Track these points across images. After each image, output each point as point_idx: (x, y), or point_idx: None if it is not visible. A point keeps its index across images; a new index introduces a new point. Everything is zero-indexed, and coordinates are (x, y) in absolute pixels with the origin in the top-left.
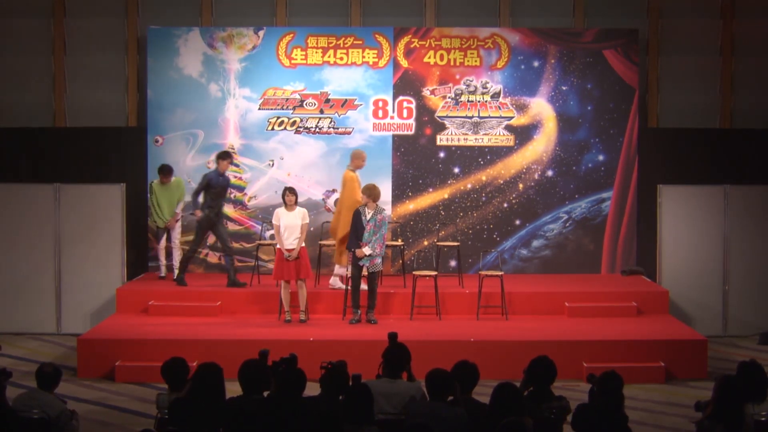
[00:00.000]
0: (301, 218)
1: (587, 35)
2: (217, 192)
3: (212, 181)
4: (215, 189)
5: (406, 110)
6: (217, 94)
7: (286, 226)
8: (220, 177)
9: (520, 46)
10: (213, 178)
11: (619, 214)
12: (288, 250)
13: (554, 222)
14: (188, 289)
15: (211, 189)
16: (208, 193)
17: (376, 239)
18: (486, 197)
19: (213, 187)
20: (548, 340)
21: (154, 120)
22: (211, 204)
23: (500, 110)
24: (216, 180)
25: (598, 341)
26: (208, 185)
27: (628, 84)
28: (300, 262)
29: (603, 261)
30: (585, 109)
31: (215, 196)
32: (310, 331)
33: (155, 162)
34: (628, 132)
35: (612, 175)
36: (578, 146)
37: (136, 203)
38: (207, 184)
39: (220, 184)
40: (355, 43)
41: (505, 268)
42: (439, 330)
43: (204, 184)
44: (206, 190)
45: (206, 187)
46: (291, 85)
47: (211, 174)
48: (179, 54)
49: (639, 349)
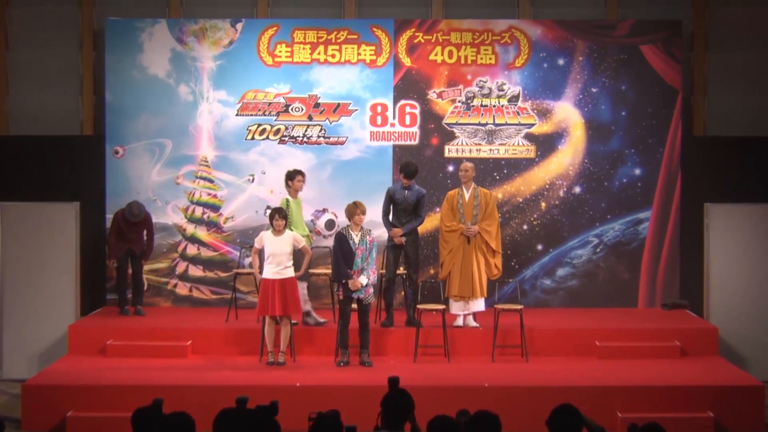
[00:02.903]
0: (292, 243)
1: (621, 28)
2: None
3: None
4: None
5: (408, 116)
6: (187, 97)
7: (272, 253)
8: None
9: (542, 42)
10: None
11: (659, 238)
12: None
13: (583, 247)
14: (153, 326)
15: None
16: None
17: (369, 265)
18: (502, 218)
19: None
20: (576, 386)
21: (113, 128)
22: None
23: (519, 116)
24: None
25: (635, 387)
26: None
27: (669, 85)
28: (288, 295)
29: (640, 293)
30: (619, 114)
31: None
32: (297, 375)
33: (114, 177)
34: (669, 141)
35: (651, 193)
36: (611, 158)
37: (93, 225)
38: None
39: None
40: (349, 38)
41: (525, 301)
42: (447, 373)
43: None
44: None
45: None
46: (274, 87)
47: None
48: (143, 50)
49: (683, 397)
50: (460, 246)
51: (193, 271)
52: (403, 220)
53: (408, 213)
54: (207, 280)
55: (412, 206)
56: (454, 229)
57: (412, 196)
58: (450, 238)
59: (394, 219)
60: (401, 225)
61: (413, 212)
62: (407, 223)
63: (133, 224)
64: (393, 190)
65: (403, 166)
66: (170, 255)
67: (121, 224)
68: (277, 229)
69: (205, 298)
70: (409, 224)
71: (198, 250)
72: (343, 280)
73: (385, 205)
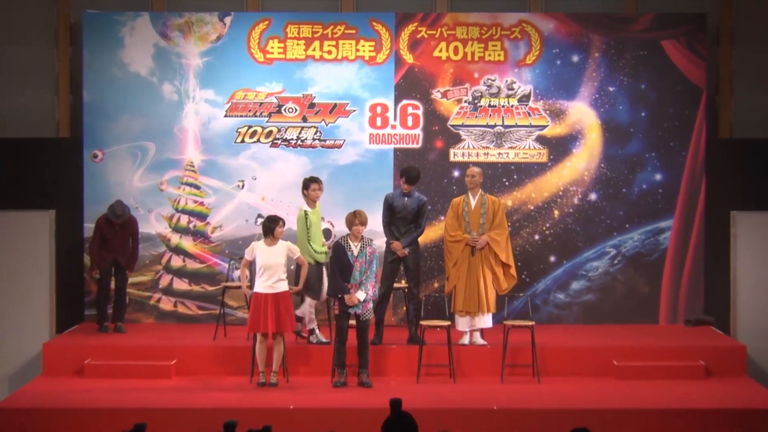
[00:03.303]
0: (286, 254)
1: (641, 22)
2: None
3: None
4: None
5: (411, 117)
6: (172, 96)
7: (265, 266)
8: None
9: (555, 37)
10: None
11: (681, 249)
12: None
13: (599, 258)
14: (135, 345)
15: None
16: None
17: (368, 279)
18: (512, 227)
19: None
20: (592, 409)
21: (91, 130)
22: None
23: (530, 117)
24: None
25: (656, 410)
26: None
27: (693, 83)
28: (281, 310)
29: (661, 308)
30: (638, 115)
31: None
32: (291, 397)
33: (93, 182)
34: (693, 144)
35: (673, 200)
36: (629, 163)
37: (69, 235)
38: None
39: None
40: (346, 33)
41: (537, 316)
42: (453, 395)
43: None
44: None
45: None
46: (266, 85)
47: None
48: (124, 46)
49: (709, 421)
50: (465, 258)
51: (178, 285)
52: (402, 229)
53: (408, 222)
54: (193, 295)
55: (413, 215)
56: (458, 239)
57: (413, 203)
58: (454, 249)
59: (392, 228)
60: (400, 235)
61: (413, 221)
62: (406, 233)
63: (118, 229)
64: (392, 197)
65: (405, 171)
66: (153, 267)
67: (104, 230)
68: (277, 238)
69: (191, 313)
70: (408, 235)
71: (183, 261)
72: (340, 294)
73: (386, 214)
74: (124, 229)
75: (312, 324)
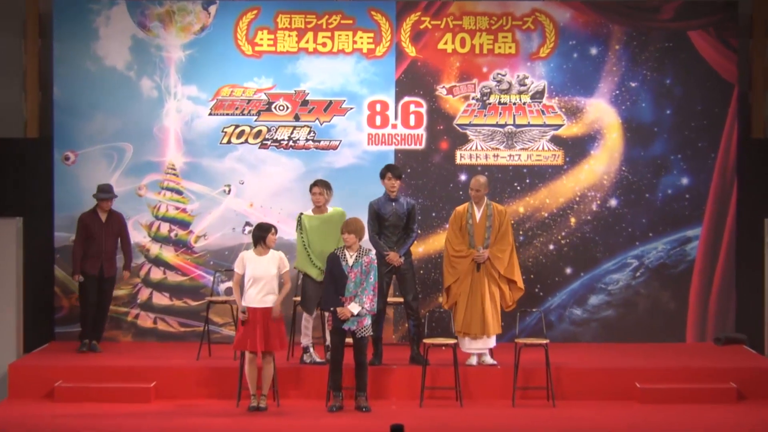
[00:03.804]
0: (278, 266)
1: (666, 11)
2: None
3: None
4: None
5: (413, 116)
6: (151, 93)
7: (254, 278)
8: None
9: (571, 27)
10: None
11: (710, 260)
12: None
13: (620, 271)
14: (111, 365)
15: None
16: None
17: (364, 291)
18: (524, 236)
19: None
20: None
21: (63, 129)
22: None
23: (544, 116)
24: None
25: None
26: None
27: (723, 78)
28: (271, 327)
29: (689, 325)
30: (662, 113)
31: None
32: (282, 422)
33: (64, 187)
34: (723, 145)
35: (701, 206)
36: (653, 165)
37: (39, 245)
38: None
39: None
40: (343, 24)
41: (552, 334)
42: (460, 420)
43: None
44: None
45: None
46: (254, 81)
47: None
48: (98, 37)
49: None
50: (469, 273)
51: (158, 300)
52: (394, 238)
53: (398, 229)
54: (175, 310)
55: (403, 221)
56: (463, 255)
57: (401, 208)
58: (458, 265)
59: (382, 238)
60: (392, 245)
61: (404, 228)
62: (399, 242)
63: (104, 225)
64: (378, 203)
65: (389, 167)
66: (131, 280)
67: (89, 226)
68: (269, 246)
69: (173, 331)
70: (402, 243)
71: (164, 274)
72: (332, 308)
73: (373, 223)
74: (111, 227)
75: (306, 341)
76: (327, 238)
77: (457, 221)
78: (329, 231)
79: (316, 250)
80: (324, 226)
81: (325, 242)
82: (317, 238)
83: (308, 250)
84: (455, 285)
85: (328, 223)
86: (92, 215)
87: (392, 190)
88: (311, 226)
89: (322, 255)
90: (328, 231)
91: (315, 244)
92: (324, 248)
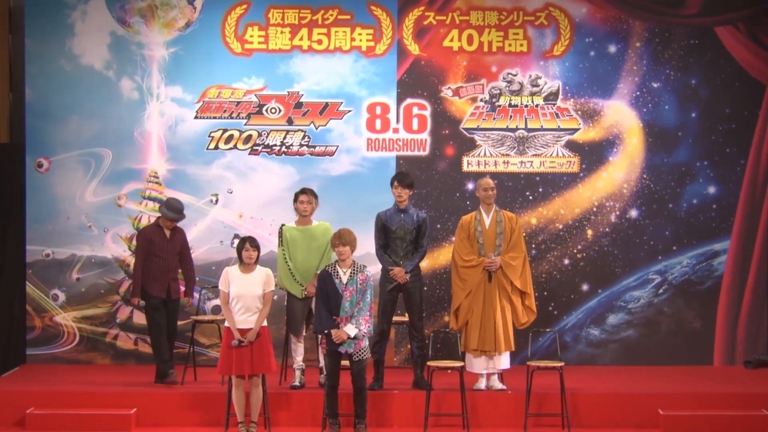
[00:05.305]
0: (263, 284)
1: (691, 5)
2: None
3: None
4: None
5: (416, 119)
6: (132, 94)
7: (239, 296)
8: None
9: (588, 23)
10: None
11: (740, 276)
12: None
13: (641, 287)
14: (87, 390)
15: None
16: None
17: (360, 312)
18: (537, 250)
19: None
20: None
21: (35, 134)
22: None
23: (558, 119)
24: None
25: None
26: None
27: (753, 78)
28: (258, 349)
29: (716, 346)
30: (687, 116)
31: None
32: None
33: (37, 196)
34: (753, 151)
35: (729, 217)
36: (677, 173)
37: (9, 259)
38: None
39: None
40: (340, 19)
41: (567, 356)
42: None
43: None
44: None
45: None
46: (244, 81)
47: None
48: (74, 34)
49: None
50: (481, 285)
51: (139, 319)
52: (401, 252)
53: (406, 243)
54: None
55: (412, 234)
56: (473, 264)
57: (410, 220)
58: (468, 276)
59: (389, 252)
60: (399, 260)
61: (413, 242)
62: (406, 258)
63: (168, 240)
64: (385, 215)
65: (399, 175)
66: (109, 297)
67: (153, 240)
68: (247, 263)
69: None
70: (409, 259)
71: None
72: (326, 329)
73: (379, 236)
74: (174, 244)
75: (295, 365)
76: (310, 253)
77: (465, 230)
78: (312, 246)
79: (298, 266)
80: (307, 239)
81: (307, 257)
82: (299, 252)
83: (289, 264)
84: (466, 301)
85: (311, 237)
86: (156, 230)
87: (400, 200)
88: (292, 238)
89: (306, 272)
90: (311, 246)
91: (297, 259)
92: (307, 264)
